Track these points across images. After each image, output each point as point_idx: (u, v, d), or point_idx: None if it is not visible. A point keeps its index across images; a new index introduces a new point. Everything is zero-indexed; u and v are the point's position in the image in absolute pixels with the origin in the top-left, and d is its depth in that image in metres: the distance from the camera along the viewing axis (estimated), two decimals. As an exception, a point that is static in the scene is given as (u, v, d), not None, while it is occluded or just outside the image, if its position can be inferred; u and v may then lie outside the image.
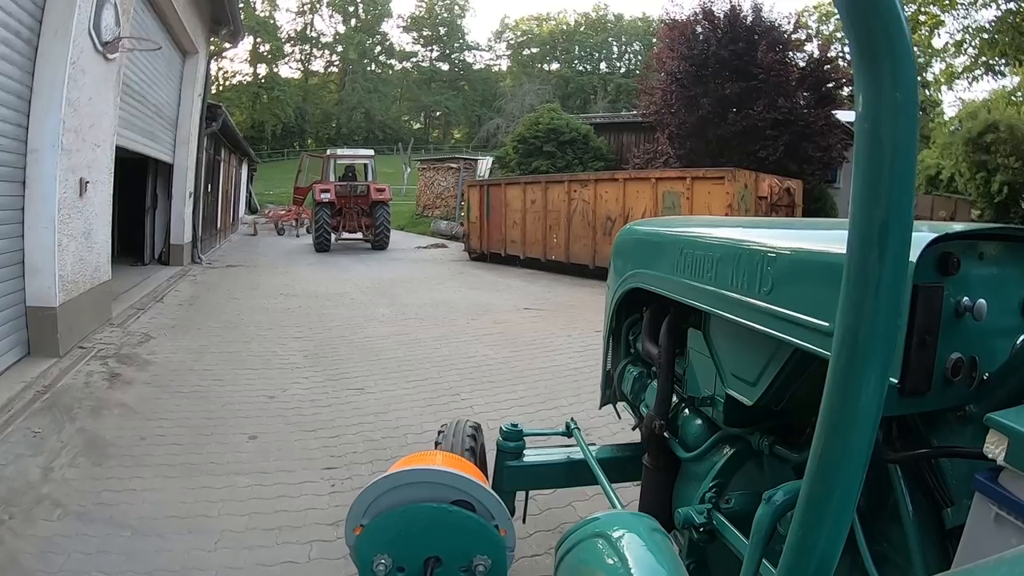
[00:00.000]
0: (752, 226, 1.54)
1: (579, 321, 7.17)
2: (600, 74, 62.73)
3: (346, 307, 8.10)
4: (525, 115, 22.86)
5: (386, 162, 41.53)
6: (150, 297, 8.90)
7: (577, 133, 17.77)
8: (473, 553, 1.44)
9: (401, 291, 9.50)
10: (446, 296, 9.04)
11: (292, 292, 9.33)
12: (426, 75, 65.44)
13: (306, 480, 3.15)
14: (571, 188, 11.49)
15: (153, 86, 10.09)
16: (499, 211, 13.58)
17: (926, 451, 1.01)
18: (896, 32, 0.50)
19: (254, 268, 12.68)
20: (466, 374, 5.07)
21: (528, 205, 12.64)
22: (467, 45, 67.20)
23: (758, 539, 1.08)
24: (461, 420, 2.37)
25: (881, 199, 0.53)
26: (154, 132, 10.47)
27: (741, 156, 13.22)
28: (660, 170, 10.52)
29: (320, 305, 8.21)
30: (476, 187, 14.88)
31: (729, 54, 13.94)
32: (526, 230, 12.75)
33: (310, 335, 6.42)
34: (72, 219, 5.69)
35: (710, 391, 1.57)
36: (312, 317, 7.38)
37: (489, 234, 14.06)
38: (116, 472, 3.24)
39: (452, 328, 6.87)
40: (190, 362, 5.32)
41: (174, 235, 12.41)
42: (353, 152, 18.20)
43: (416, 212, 25.47)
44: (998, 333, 0.98)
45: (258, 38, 57.13)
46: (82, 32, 5.57)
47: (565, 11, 75.65)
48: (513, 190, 13.25)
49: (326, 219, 15.22)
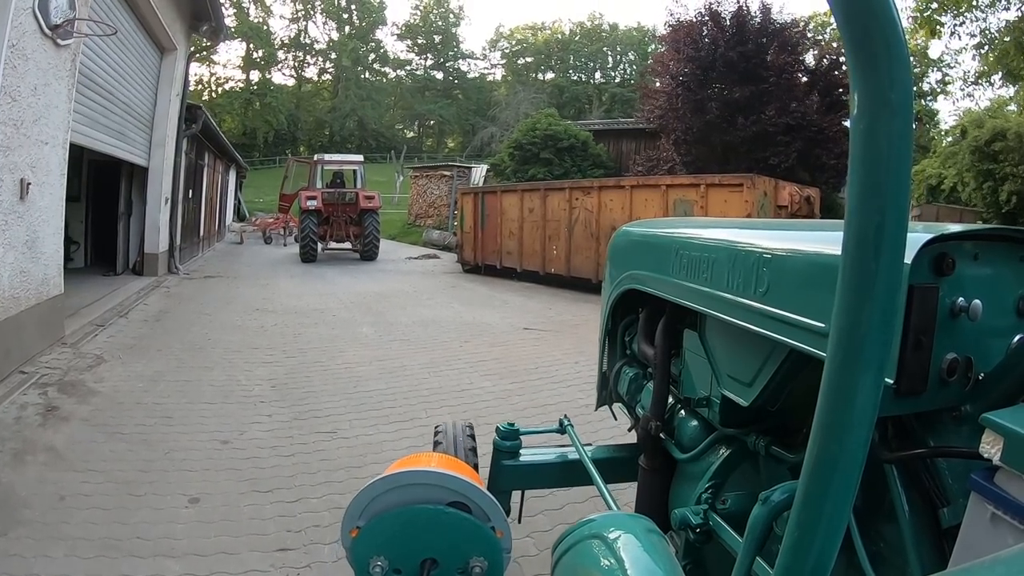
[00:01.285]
0: (747, 227, 1.54)
1: (586, 344, 6.42)
2: (595, 84, 62.68)
3: (326, 325, 7.35)
4: (521, 121, 22.18)
5: (379, 170, 41.18)
6: (114, 312, 8.15)
7: (576, 139, 17.08)
8: (469, 555, 1.44)
9: (388, 307, 8.77)
10: (437, 313, 8.31)
11: (270, 307, 8.58)
12: (420, 83, 65.12)
13: (251, 569, 2.42)
14: (573, 196, 10.72)
15: (124, 82, 9.37)
16: (494, 220, 12.83)
17: (922, 451, 1.00)
18: (891, 33, 0.50)
19: (234, 279, 11.93)
20: (460, 413, 4.30)
21: (526, 214, 11.90)
22: (461, 54, 67.02)
23: (752, 539, 1.08)
24: (457, 422, 2.38)
25: (876, 200, 0.52)
26: (125, 132, 9.74)
27: (750, 163, 12.58)
28: (671, 176, 9.77)
29: (298, 323, 7.47)
30: (470, 195, 14.14)
31: (737, 56, 13.33)
32: (523, 241, 11.99)
33: (282, 360, 5.68)
34: (10, 225, 4.96)
35: (706, 392, 1.56)
36: (287, 337, 6.64)
37: (484, 245, 13.31)
38: (19, 547, 2.55)
39: (443, 353, 6.13)
40: (140, 392, 4.58)
41: (148, 244, 11.65)
42: (342, 158, 17.41)
43: (408, 221, 24.76)
44: (993, 333, 0.98)
45: (251, 44, 56.79)
46: (24, 11, 4.86)
47: (560, 20, 75.98)
48: (510, 198, 12.50)
49: (312, 228, 14.47)
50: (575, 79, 64.08)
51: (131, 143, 10.26)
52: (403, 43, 66.24)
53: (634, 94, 58.00)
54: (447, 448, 2.21)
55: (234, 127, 54.02)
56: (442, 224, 21.51)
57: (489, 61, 68.89)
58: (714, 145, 13.72)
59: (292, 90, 60.54)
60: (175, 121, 12.10)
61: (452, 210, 20.46)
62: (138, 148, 10.79)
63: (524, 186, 12.87)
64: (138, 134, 10.73)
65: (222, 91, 55.70)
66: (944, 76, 45.64)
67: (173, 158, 12.26)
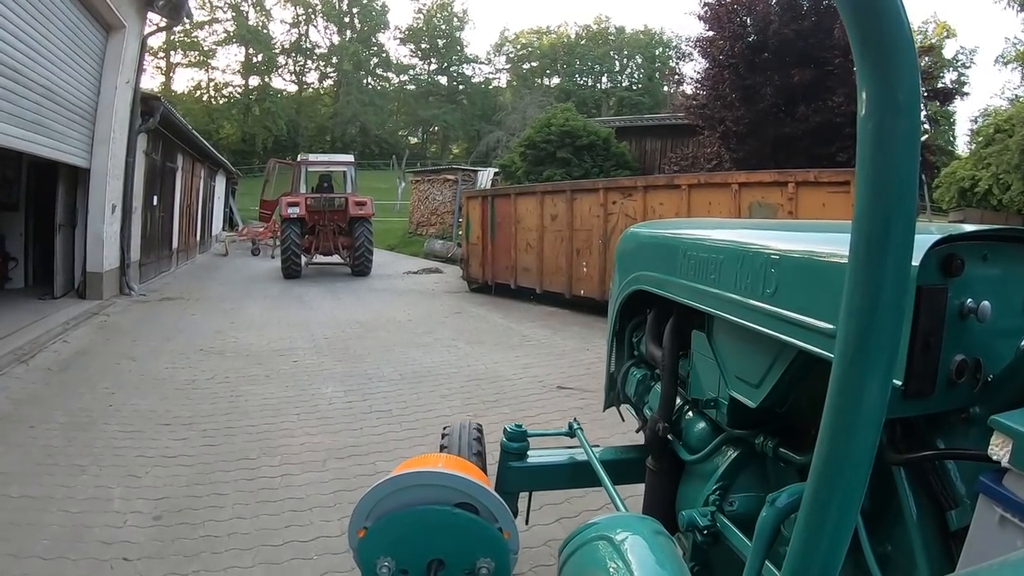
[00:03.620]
0: (755, 228, 1.55)
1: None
2: (602, 88, 61.05)
3: (280, 381, 5.29)
4: (533, 119, 20.10)
5: (381, 177, 39.39)
6: (15, 355, 6.17)
7: (596, 137, 15.03)
8: (476, 555, 1.44)
9: (371, 347, 6.70)
10: (434, 359, 6.22)
11: (218, 346, 6.55)
12: (424, 88, 63.57)
13: None
14: (608, 199, 8.47)
15: (46, 63, 7.42)
16: (507, 230, 10.70)
17: (930, 453, 0.98)
18: (899, 33, 0.50)
19: (195, 302, 9.95)
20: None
21: (547, 222, 9.73)
22: (466, 58, 65.44)
23: (761, 542, 1.07)
24: (465, 422, 2.37)
25: (884, 200, 0.52)
26: (48, 125, 7.75)
27: (811, 160, 10.47)
28: (746, 172, 7.54)
29: (244, 375, 5.43)
30: (477, 199, 11.87)
31: (793, 34, 11.24)
32: (544, 255, 9.81)
33: (192, 452, 3.64)
34: None
35: (714, 393, 1.54)
36: (218, 404, 4.61)
37: (494, 259, 11.16)
38: None
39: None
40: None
41: (91, 261, 9.68)
42: (329, 158, 15.29)
43: (408, 230, 22.76)
44: (1002, 335, 0.96)
45: (250, 48, 55.48)
46: None
47: (566, 23, 74.26)
48: (526, 202, 10.31)
49: (295, 240, 12.45)
50: (581, 83, 62.56)
51: (61, 139, 8.30)
52: (406, 47, 64.80)
53: (643, 98, 57.02)
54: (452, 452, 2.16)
55: (232, 133, 52.77)
56: (446, 233, 19.48)
57: (494, 66, 67.52)
58: (766, 138, 11.60)
59: (292, 96, 59.20)
60: (125, 114, 10.14)
61: (456, 218, 18.42)
62: (73, 145, 8.83)
63: (545, 187, 10.49)
64: (73, 128, 8.77)
65: (221, 96, 54.46)
66: (960, 76, 43.69)
67: (124, 158, 10.31)
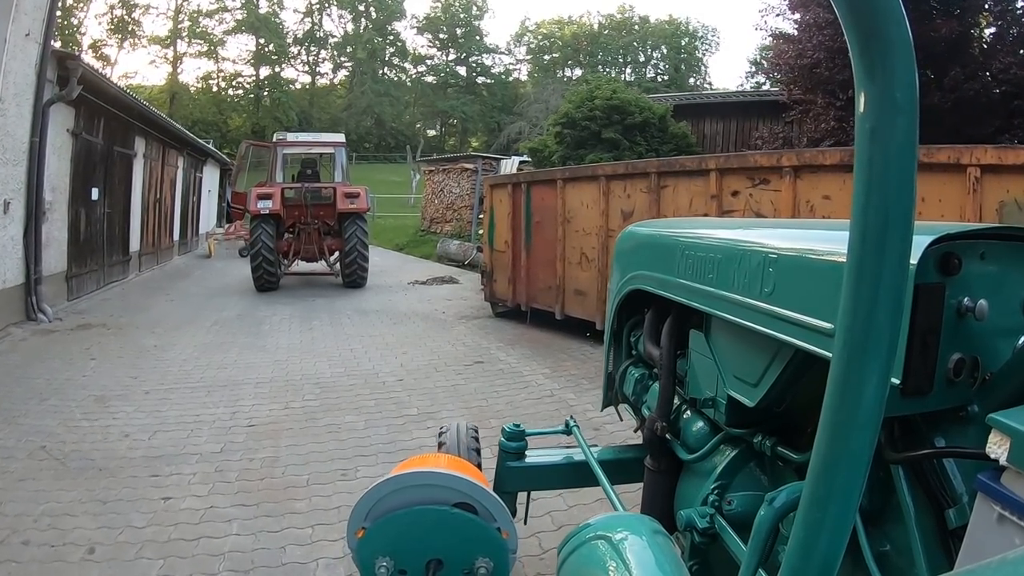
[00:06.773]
0: (753, 227, 1.56)
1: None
2: (626, 79, 57.97)
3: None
4: (572, 91, 16.93)
5: (396, 170, 36.68)
6: None
7: (652, 114, 11.96)
8: (475, 555, 1.46)
9: (316, 460, 3.75)
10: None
11: (72, 440, 3.62)
12: (441, 79, 60.76)
13: None
14: (724, 185, 5.34)
15: None
16: (550, 232, 7.44)
17: (928, 451, 0.98)
18: (897, 33, 0.50)
19: (114, 333, 7.13)
20: None
21: (616, 221, 6.46)
22: (485, 48, 62.47)
23: (758, 541, 1.07)
24: (461, 423, 2.38)
25: (882, 199, 0.52)
26: None
27: (956, 141, 7.38)
28: (998, 148, 4.25)
29: (78, 522, 2.49)
30: (505, 187, 8.38)
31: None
32: (608, 272, 6.78)
33: None
34: None
35: (712, 392, 1.55)
36: None
37: (530, 275, 7.84)
38: None
39: None
40: None
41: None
42: (312, 138, 12.06)
43: (421, 228, 19.83)
44: (1000, 333, 0.96)
45: (261, 38, 53.24)
46: None
47: (588, 12, 71.11)
48: (580, 191, 6.99)
49: (266, 242, 9.55)
50: (604, 75, 59.40)
51: None
52: (423, 37, 61.98)
53: (669, 89, 53.53)
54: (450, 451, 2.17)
55: (241, 125, 50.60)
56: (463, 232, 16.54)
57: (514, 56, 64.58)
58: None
59: (305, 87, 56.87)
60: (25, 79, 7.35)
61: (476, 213, 15.41)
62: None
63: (615, 168, 6.99)
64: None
65: (230, 87, 52.34)
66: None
67: (26, 137, 7.54)
